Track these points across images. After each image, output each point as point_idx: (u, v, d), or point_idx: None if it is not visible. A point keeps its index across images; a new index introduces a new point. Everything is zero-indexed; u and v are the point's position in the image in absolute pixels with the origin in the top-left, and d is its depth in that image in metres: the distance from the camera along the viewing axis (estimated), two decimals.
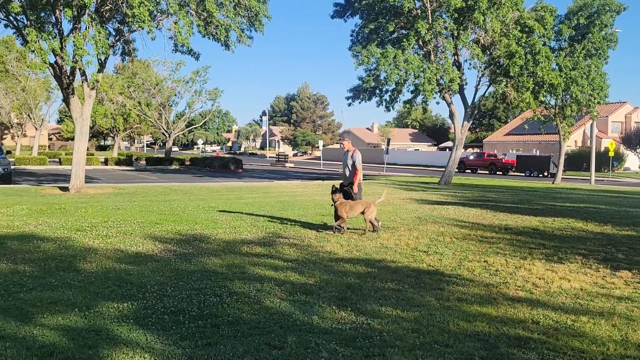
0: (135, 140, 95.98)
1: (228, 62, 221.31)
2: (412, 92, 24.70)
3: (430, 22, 22.57)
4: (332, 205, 9.81)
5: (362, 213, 9.52)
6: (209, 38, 17.35)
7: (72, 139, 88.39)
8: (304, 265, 6.87)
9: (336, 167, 51.96)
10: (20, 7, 14.77)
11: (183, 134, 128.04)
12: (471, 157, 50.99)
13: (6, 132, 71.93)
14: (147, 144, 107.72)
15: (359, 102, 25.63)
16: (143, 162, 44.53)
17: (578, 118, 38.58)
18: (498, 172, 46.94)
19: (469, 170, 48.72)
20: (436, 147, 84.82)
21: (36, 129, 53.65)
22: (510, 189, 23.10)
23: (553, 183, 29.94)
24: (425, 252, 8.02)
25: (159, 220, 10.46)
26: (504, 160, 48.17)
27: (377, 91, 25.60)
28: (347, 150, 10.27)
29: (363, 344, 4.18)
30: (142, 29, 15.03)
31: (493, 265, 7.12)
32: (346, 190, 9.99)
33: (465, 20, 22.85)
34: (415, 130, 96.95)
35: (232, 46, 17.98)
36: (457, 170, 47.67)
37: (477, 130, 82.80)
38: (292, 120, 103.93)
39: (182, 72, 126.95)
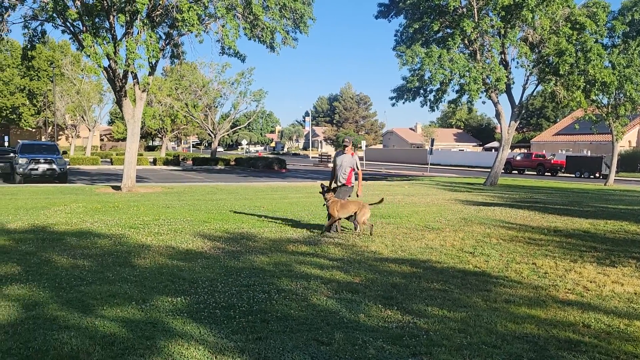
0: (182, 141, 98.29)
1: (272, 63, 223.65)
2: (457, 91, 24.41)
3: (476, 20, 22.24)
4: (324, 205, 9.59)
5: (355, 214, 9.28)
6: (254, 40, 17.68)
7: (123, 140, 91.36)
8: (349, 265, 6.95)
9: (379, 167, 51.77)
10: (77, 14, 15.45)
11: (228, 134, 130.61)
12: (518, 158, 49.76)
13: (61, 133, 74.97)
14: (193, 144, 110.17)
15: (403, 103, 25.50)
16: (190, 162, 45.55)
17: (632, 117, 37.16)
18: (546, 173, 45.63)
19: (516, 171, 47.60)
20: (481, 148, 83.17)
21: (89, 130, 55.74)
22: (559, 191, 22.49)
23: (605, 185, 28.92)
24: (471, 253, 7.96)
25: (207, 219, 10.75)
26: (552, 161, 46.80)
27: (422, 91, 25.43)
28: (345, 153, 9.88)
29: (410, 343, 4.23)
30: (191, 32, 15.43)
31: (542, 268, 7.01)
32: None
33: (513, 18, 22.38)
34: (460, 131, 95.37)
35: (277, 48, 18.24)
36: (503, 171, 46.91)
37: (525, 130, 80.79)
38: (334, 121, 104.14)
39: (228, 74, 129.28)
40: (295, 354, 3.96)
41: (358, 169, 9.91)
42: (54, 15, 15.55)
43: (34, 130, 64.97)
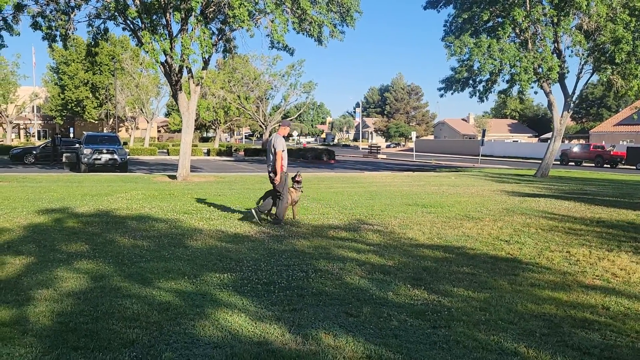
0: (235, 132, 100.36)
1: (323, 55, 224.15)
2: (507, 82, 24.11)
3: (527, 9, 21.87)
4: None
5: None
6: (303, 34, 18.20)
7: (178, 131, 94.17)
8: (384, 249, 7.35)
9: (432, 158, 51.43)
10: (136, 12, 16.39)
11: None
12: (575, 149, 48.18)
13: (121, 125, 78.33)
14: (245, 135, 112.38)
15: (452, 93, 25.41)
16: (242, 153, 46.82)
17: None
18: (605, 165, 44.01)
19: (573, 163, 46.18)
20: (537, 139, 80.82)
21: (147, 122, 58.05)
22: (614, 183, 21.91)
23: None
24: (506, 241, 8.18)
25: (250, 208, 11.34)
26: (612, 152, 45.08)
27: (471, 82, 25.24)
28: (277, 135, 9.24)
29: (431, 317, 4.61)
30: (242, 28, 16.06)
31: (574, 256, 7.17)
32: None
33: (567, 6, 21.86)
34: (515, 121, 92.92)
35: (324, 41, 18.69)
36: (558, 162, 45.62)
37: (584, 120, 78.02)
38: (385, 112, 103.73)
39: (279, 66, 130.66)
40: (325, 322, 4.42)
41: (276, 150, 9.00)
42: (116, 14, 16.57)
43: (96, 122, 68.10)
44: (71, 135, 54.79)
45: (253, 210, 9.39)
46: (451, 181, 20.27)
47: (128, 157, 30.47)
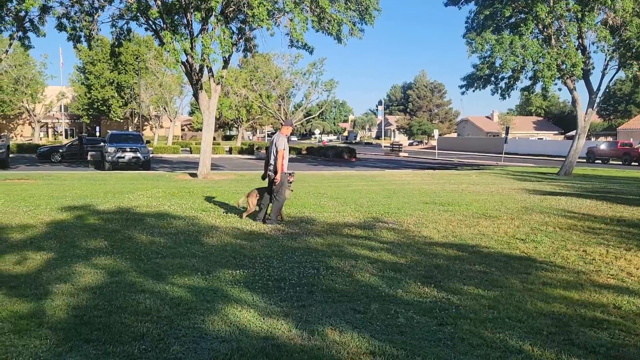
0: (257, 131, 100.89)
1: (346, 53, 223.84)
2: (530, 78, 23.81)
3: (551, 4, 21.52)
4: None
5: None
6: (323, 32, 18.25)
7: (202, 130, 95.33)
8: (398, 247, 7.37)
9: (454, 156, 51.01)
10: (157, 12, 16.65)
11: (301, 124, 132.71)
12: (602, 147, 47.14)
13: (146, 123, 79.52)
14: (268, 134, 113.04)
15: (473, 91, 25.16)
16: (263, 151, 46.97)
17: None
18: (633, 163, 43.03)
19: (600, 161, 45.25)
20: (563, 136, 79.42)
21: (170, 120, 58.76)
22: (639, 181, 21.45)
23: None
24: (522, 240, 8.11)
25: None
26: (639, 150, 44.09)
27: (493, 79, 24.98)
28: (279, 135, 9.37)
29: (439, 315, 4.63)
30: (261, 27, 16.18)
31: (591, 255, 7.09)
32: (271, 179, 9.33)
33: (591, 1, 21.44)
34: (540, 118, 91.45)
35: (344, 39, 18.71)
36: (584, 160, 44.75)
37: (612, 117, 76.36)
38: (408, 110, 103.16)
39: (300, 64, 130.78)
40: (332, 319, 4.48)
41: (278, 149, 9.13)
42: (138, 14, 16.85)
43: (122, 121, 69.20)
44: (97, 134, 55.88)
45: (268, 222, 9.13)
46: (471, 179, 20.11)
47: (151, 155, 30.88)
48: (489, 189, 16.21)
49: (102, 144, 27.49)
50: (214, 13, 16.44)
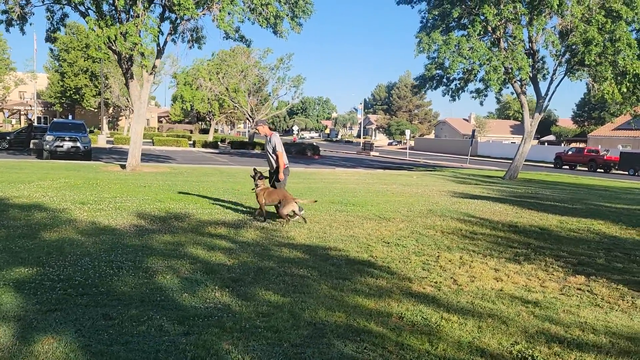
0: (235, 125, 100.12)
1: (335, 50, 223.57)
2: (480, 80, 23.62)
3: (500, 6, 21.28)
4: (252, 190, 9.47)
5: (278, 204, 9.08)
6: (261, 25, 17.84)
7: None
8: (244, 248, 7.00)
9: (424, 157, 50.91)
10: None
11: (284, 119, 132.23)
12: (569, 153, 47.41)
13: (121, 113, 78.49)
14: (249, 130, 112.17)
15: (424, 91, 24.89)
16: (228, 145, 46.49)
17: None
18: (599, 170, 43.20)
19: (567, 167, 45.40)
20: (537, 141, 79.75)
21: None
22: (581, 188, 21.32)
23: None
24: (387, 243, 7.80)
25: (163, 199, 11.05)
26: (605, 157, 44.21)
27: (445, 80, 24.77)
28: (265, 135, 9.54)
29: (197, 323, 4.27)
30: (186, 16, 15.70)
31: (438, 261, 6.79)
32: (276, 178, 9.48)
33: (540, 5, 21.26)
34: (517, 122, 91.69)
35: (284, 33, 18.36)
36: (553, 165, 44.78)
37: (586, 123, 76.76)
38: (390, 109, 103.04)
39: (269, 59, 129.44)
40: (68, 325, 4.09)
41: (277, 151, 9.34)
42: None
43: (95, 110, 68.18)
44: None
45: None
46: (408, 180, 19.86)
47: (112, 145, 30.21)
48: (416, 190, 15.94)
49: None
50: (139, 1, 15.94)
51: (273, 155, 9.46)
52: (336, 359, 3.74)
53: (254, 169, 9.54)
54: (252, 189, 9.48)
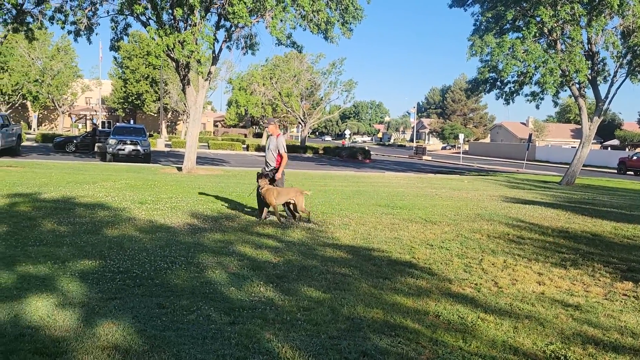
0: (288, 129, 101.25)
1: (390, 54, 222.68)
2: (536, 83, 23.07)
3: (557, 8, 20.76)
4: (257, 190, 9.51)
5: (292, 201, 9.24)
6: (312, 32, 18.22)
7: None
8: (290, 247, 7.28)
9: (479, 161, 49.94)
10: (143, 8, 16.98)
11: (336, 123, 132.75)
12: (634, 158, 45.27)
13: (180, 118, 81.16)
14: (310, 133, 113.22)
15: (477, 94, 24.57)
16: None
17: None
18: None
19: (631, 172, 43.38)
20: (600, 145, 76.55)
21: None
22: None
23: None
24: (431, 245, 7.89)
25: (213, 200, 11.51)
26: None
27: (498, 83, 24.37)
28: (271, 135, 9.69)
29: (241, 314, 4.56)
30: (240, 24, 16.25)
31: (480, 264, 6.83)
32: (272, 177, 9.50)
33: (599, 5, 20.59)
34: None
35: (335, 39, 18.68)
36: (617, 171, 42.92)
37: None
38: (444, 113, 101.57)
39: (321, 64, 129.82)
40: (126, 312, 4.47)
41: (280, 152, 9.55)
42: (123, 9, 17.24)
43: (155, 115, 70.85)
44: None
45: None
46: (459, 185, 19.67)
47: (169, 149, 31.42)
48: (465, 194, 15.81)
49: None
50: (197, 9, 16.62)
51: (275, 153, 9.57)
52: (370, 351, 3.93)
53: (258, 173, 9.68)
54: (257, 190, 9.48)
